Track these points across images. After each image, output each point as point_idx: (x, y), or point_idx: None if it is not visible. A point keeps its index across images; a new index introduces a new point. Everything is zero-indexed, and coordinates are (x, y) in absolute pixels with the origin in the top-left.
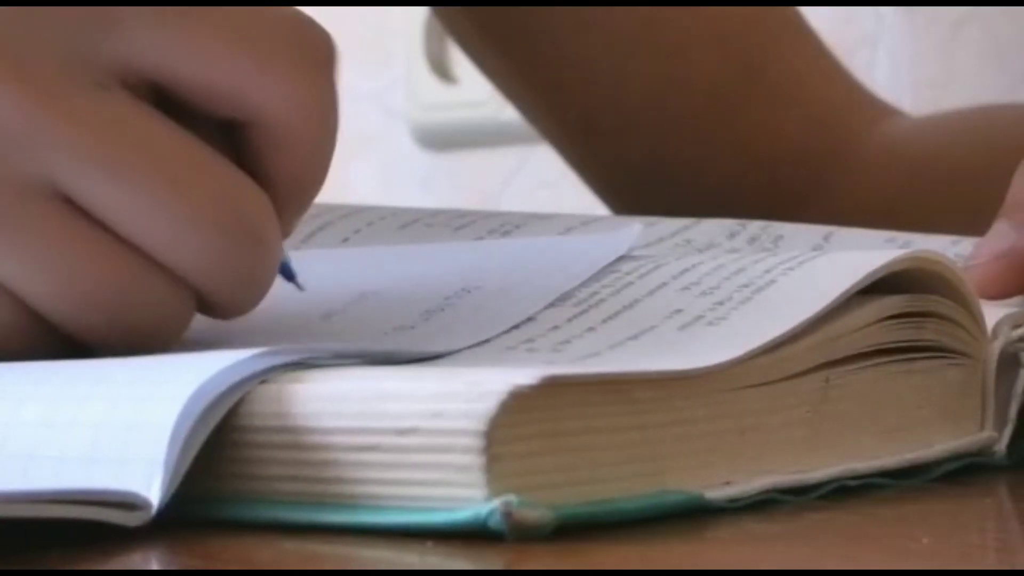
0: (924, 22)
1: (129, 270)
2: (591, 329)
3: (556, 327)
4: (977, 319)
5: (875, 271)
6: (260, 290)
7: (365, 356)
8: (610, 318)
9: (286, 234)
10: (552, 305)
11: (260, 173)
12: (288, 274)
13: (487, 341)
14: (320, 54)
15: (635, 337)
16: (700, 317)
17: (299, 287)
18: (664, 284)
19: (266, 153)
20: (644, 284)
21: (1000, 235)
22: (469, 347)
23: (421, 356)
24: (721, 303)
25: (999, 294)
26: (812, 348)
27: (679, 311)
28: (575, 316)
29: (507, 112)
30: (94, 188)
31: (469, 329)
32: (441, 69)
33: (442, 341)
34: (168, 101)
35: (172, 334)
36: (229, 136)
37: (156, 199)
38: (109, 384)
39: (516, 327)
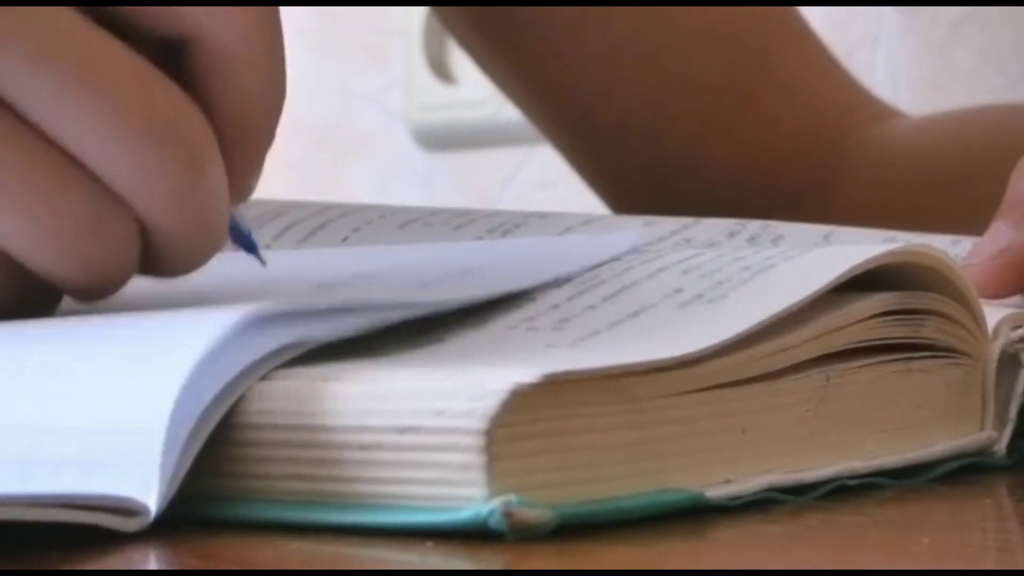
0: (923, 22)
1: (56, 173)
2: (591, 307)
3: (556, 306)
4: (977, 318)
5: (877, 257)
6: (201, 221)
7: (358, 309)
8: (610, 297)
9: (243, 191)
10: (553, 285)
11: (203, 101)
12: (248, 245)
13: (486, 322)
14: None
15: (635, 315)
16: (699, 295)
17: (261, 261)
18: (664, 268)
19: (208, 77)
20: (645, 268)
21: (998, 234)
22: (469, 324)
23: (417, 312)
24: (721, 283)
25: (997, 293)
26: (811, 339)
27: (679, 290)
28: (575, 295)
29: (507, 112)
30: (14, 79)
31: (466, 290)
32: (440, 69)
33: (440, 296)
34: (106, 24)
35: (113, 260)
36: (173, 66)
37: (80, 94)
38: (96, 375)
39: (517, 307)
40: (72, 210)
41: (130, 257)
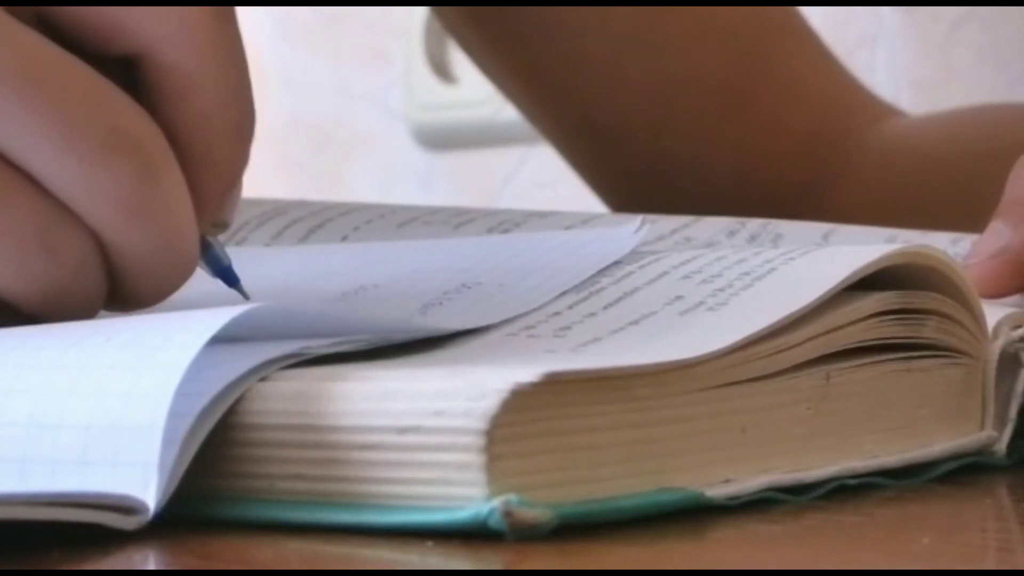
0: (923, 22)
1: (2, 183)
2: (592, 315)
3: (557, 313)
4: (978, 318)
5: (877, 260)
6: (160, 237)
7: (363, 340)
8: (611, 304)
9: (217, 219)
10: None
11: (161, 122)
12: (228, 278)
13: (487, 329)
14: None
15: (636, 322)
16: (700, 303)
17: (244, 295)
18: (665, 273)
19: (161, 96)
20: (645, 274)
21: (996, 234)
22: (469, 331)
23: (419, 336)
24: (722, 289)
25: (995, 293)
26: (811, 339)
27: (680, 297)
28: (576, 303)
29: (507, 112)
30: None
31: (466, 321)
32: (441, 69)
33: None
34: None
35: (66, 277)
36: (132, 89)
37: (19, 100)
38: (93, 370)
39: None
40: (16, 222)
41: (87, 275)
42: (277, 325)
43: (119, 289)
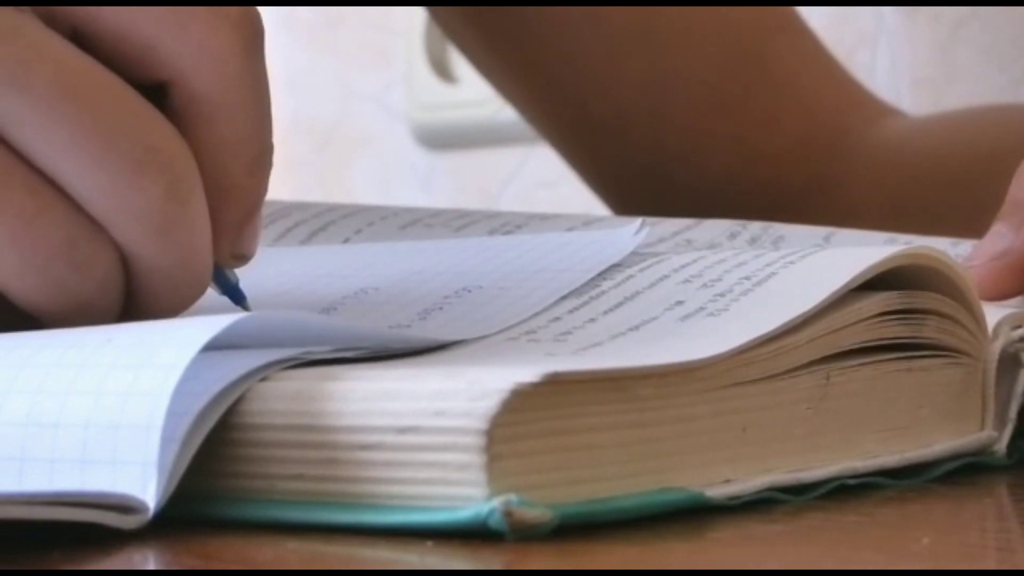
0: (924, 22)
1: (32, 195)
2: (592, 320)
3: (557, 318)
4: (978, 318)
5: (878, 264)
6: (182, 256)
7: (363, 348)
8: (611, 309)
9: (236, 250)
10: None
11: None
12: (236, 296)
13: (487, 334)
14: (246, 25)
15: (636, 328)
16: (701, 308)
17: (247, 310)
18: (665, 277)
19: (185, 122)
20: (645, 277)
21: (998, 236)
22: (470, 340)
23: (419, 347)
24: (722, 295)
25: (997, 295)
26: (812, 340)
27: (680, 302)
28: (576, 308)
29: (507, 112)
30: None
31: (466, 327)
32: (441, 69)
33: (440, 335)
34: None
35: (89, 289)
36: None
37: (55, 113)
38: (92, 369)
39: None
40: (46, 235)
41: (108, 290)
42: (277, 333)
43: (135, 303)
